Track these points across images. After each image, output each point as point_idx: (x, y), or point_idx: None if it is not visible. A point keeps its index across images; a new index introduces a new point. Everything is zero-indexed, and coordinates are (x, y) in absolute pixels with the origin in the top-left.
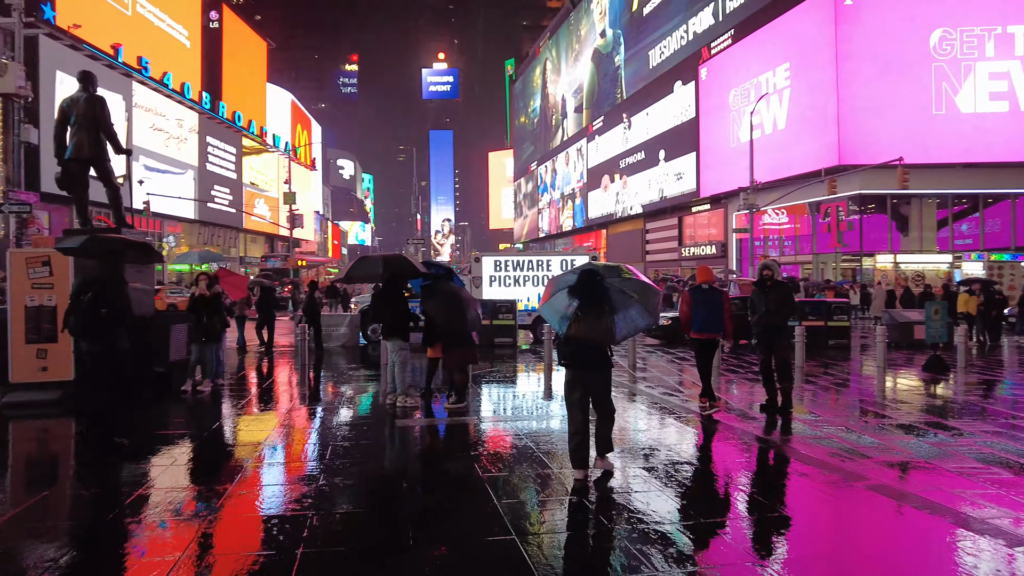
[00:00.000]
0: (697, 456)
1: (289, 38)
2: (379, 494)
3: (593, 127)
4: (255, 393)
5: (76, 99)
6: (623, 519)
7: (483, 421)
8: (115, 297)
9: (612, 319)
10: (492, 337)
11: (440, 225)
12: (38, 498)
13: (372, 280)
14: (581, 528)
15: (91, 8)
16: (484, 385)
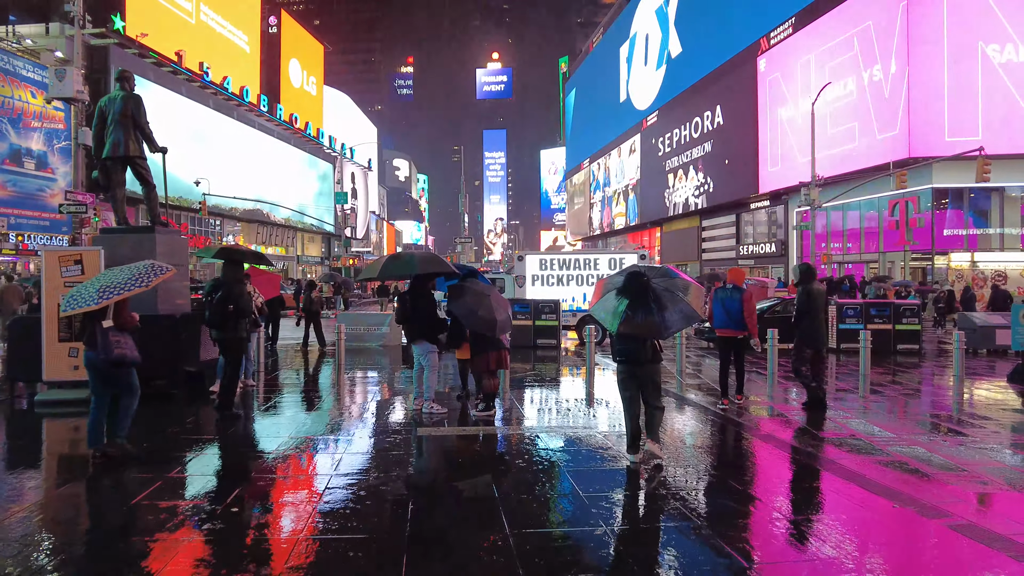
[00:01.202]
0: (740, 473)
1: (346, 42)
2: (378, 517)
3: (647, 122)
4: (278, 396)
5: (113, 98)
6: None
7: (513, 432)
8: (239, 296)
9: (661, 315)
10: (535, 338)
11: (492, 224)
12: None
13: (405, 278)
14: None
15: (157, 18)
16: (521, 390)
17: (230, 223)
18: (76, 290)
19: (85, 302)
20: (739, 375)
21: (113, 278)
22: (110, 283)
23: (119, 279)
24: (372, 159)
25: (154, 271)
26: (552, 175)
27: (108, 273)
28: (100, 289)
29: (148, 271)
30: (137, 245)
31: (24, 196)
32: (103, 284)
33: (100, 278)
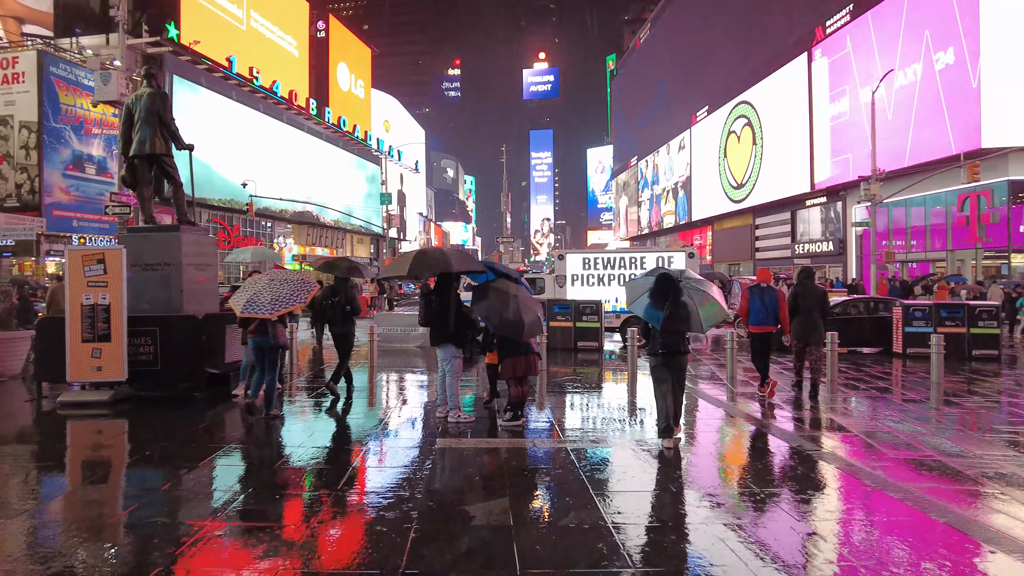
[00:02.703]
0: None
1: (394, 45)
2: (372, 548)
3: (697, 118)
4: (301, 401)
5: (140, 95)
6: None
7: (542, 445)
8: (353, 299)
9: (698, 312)
10: (575, 341)
11: (539, 224)
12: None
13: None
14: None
15: (209, 25)
16: (557, 396)
17: (281, 225)
18: (251, 297)
19: (262, 309)
20: (765, 367)
21: (279, 291)
22: (278, 296)
23: (283, 292)
24: (419, 161)
25: (307, 287)
26: (599, 174)
27: (276, 284)
28: (272, 301)
29: (304, 287)
30: (163, 244)
31: (85, 200)
32: (273, 296)
33: (270, 289)
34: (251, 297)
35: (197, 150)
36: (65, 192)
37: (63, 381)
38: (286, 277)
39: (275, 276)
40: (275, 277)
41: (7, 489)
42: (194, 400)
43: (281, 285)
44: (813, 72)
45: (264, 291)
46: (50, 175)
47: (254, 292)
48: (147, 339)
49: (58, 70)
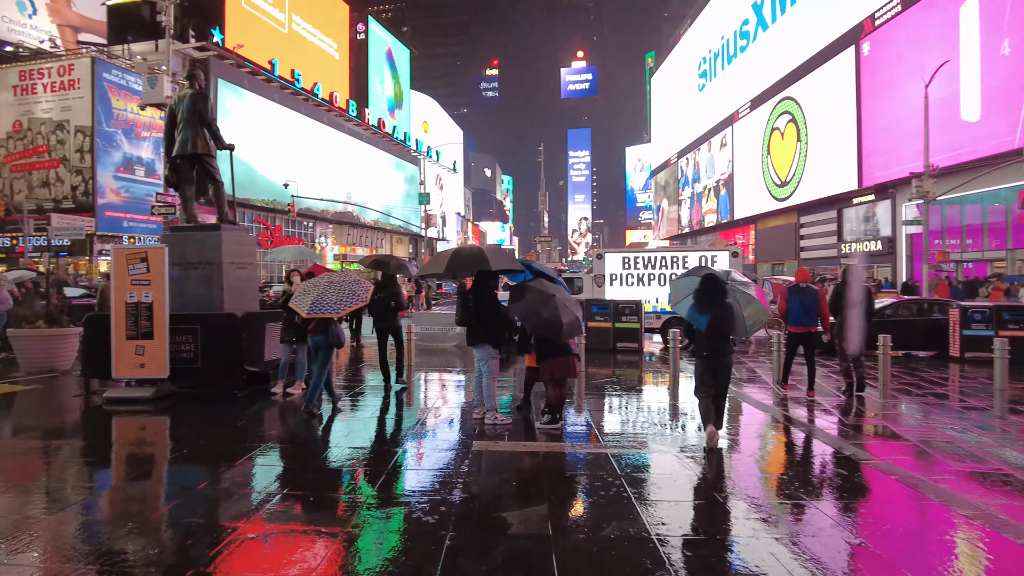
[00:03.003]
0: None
1: (433, 46)
2: (406, 556)
3: (739, 115)
4: (336, 399)
5: (182, 96)
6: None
7: (581, 450)
8: (398, 295)
9: (742, 315)
10: (614, 342)
11: (577, 224)
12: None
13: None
14: None
15: (253, 29)
16: (596, 399)
17: (322, 225)
18: (316, 299)
19: (327, 309)
20: (811, 371)
21: (340, 292)
22: (341, 297)
23: (344, 293)
24: (457, 161)
25: (364, 288)
26: (638, 172)
27: (336, 285)
28: (336, 301)
29: (361, 288)
30: (203, 243)
31: (135, 201)
32: (337, 297)
33: (331, 291)
34: (315, 299)
35: (241, 151)
36: (116, 193)
37: (109, 377)
38: (344, 279)
39: (333, 279)
40: (334, 279)
41: (55, 482)
42: (234, 398)
43: (341, 287)
44: (862, 65)
45: (327, 292)
46: (102, 177)
47: (318, 294)
48: (188, 337)
49: (110, 76)
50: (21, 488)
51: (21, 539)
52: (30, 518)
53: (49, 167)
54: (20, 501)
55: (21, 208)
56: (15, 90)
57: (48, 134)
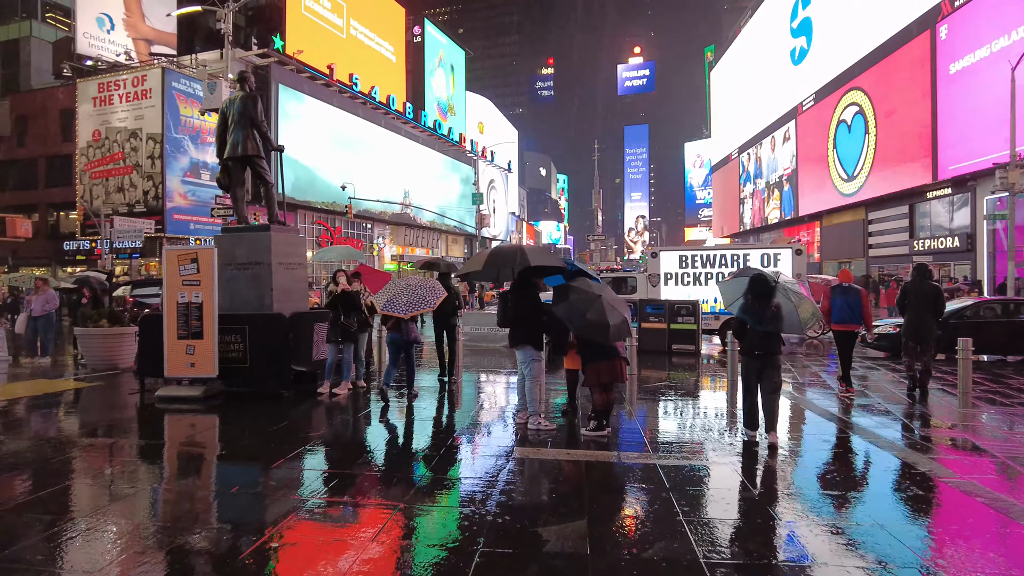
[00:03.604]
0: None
1: (489, 47)
2: (432, 571)
3: (803, 107)
4: (378, 401)
5: (233, 99)
6: None
7: (628, 458)
8: (458, 293)
9: (795, 312)
10: (670, 343)
11: (634, 222)
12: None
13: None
14: None
15: (312, 35)
16: (648, 403)
17: (380, 226)
18: (390, 298)
19: (398, 309)
20: (846, 366)
21: (413, 295)
22: (412, 299)
23: (417, 296)
24: (512, 161)
25: (437, 292)
26: (697, 168)
27: (411, 289)
28: (407, 303)
29: (434, 292)
30: (254, 243)
31: (201, 204)
32: (409, 299)
33: (406, 293)
34: (390, 298)
35: (302, 155)
36: (184, 197)
37: (162, 376)
38: (420, 283)
39: (411, 282)
40: (411, 283)
41: (108, 476)
42: (281, 398)
43: (415, 290)
44: (938, 50)
45: (401, 294)
46: (171, 181)
47: (393, 294)
48: (237, 337)
49: (178, 85)
50: (79, 483)
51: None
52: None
53: (123, 173)
54: (79, 495)
55: (98, 213)
56: (95, 101)
57: (123, 142)
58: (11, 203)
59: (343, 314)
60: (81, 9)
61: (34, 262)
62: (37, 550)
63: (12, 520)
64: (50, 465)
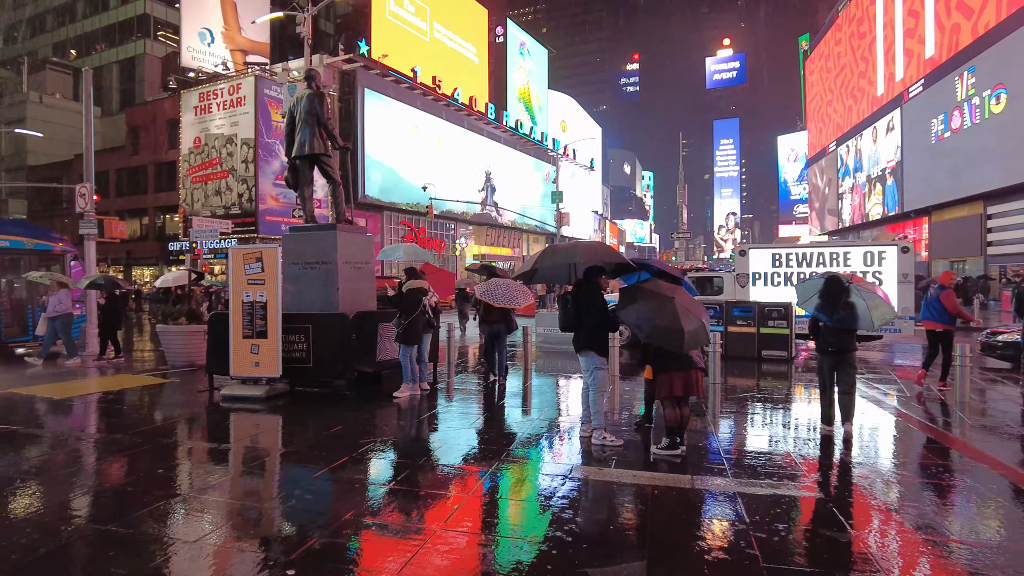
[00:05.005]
0: None
1: (572, 45)
2: None
3: (909, 94)
4: (441, 406)
5: (300, 97)
6: None
7: (704, 484)
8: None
9: (867, 310)
10: (759, 349)
11: (724, 219)
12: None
13: (563, 276)
14: None
15: (397, 39)
16: (733, 418)
17: (462, 226)
18: (489, 289)
19: (508, 301)
20: (945, 364)
21: (508, 291)
22: (506, 295)
23: (509, 294)
24: (595, 159)
25: (526, 295)
26: (791, 163)
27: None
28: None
29: (524, 294)
30: (320, 243)
31: (290, 205)
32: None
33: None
34: (487, 291)
35: (386, 157)
36: (275, 200)
37: (228, 374)
38: (514, 283)
39: (511, 282)
40: (511, 282)
41: (175, 472)
42: (344, 398)
43: (511, 287)
44: None
45: (498, 288)
46: (263, 185)
47: (490, 287)
48: (300, 336)
49: (270, 91)
50: (138, 479)
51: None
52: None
53: (221, 178)
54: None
55: (198, 215)
56: (196, 110)
57: (220, 147)
58: (125, 207)
59: (402, 314)
60: (186, 25)
61: (144, 262)
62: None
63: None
64: (118, 461)
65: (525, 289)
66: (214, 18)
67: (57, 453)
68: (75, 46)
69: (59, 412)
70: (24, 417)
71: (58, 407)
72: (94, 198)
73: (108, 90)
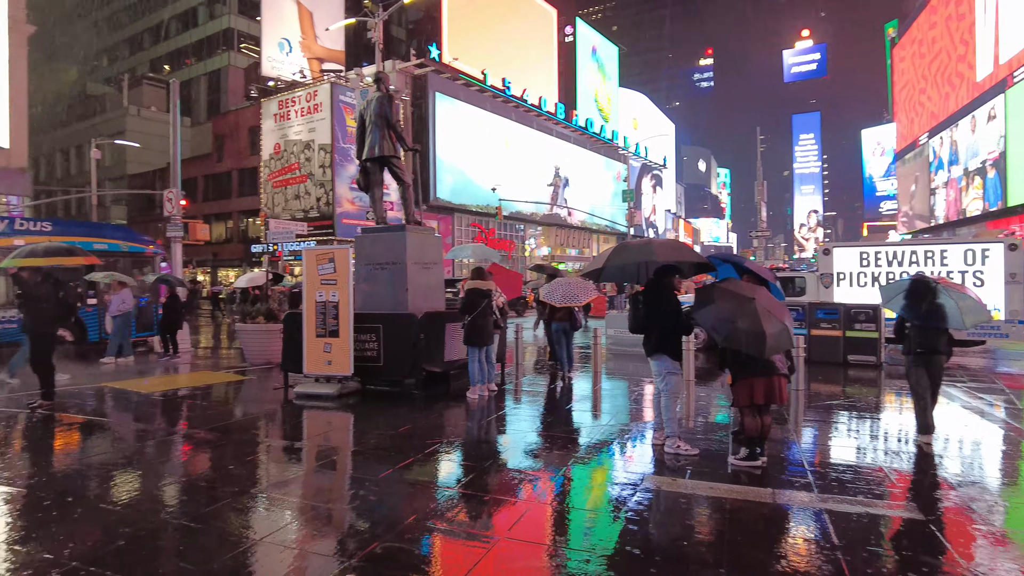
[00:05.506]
0: None
1: (643, 42)
2: None
3: (1014, 79)
4: (508, 407)
5: (370, 100)
6: None
7: (786, 499)
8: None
9: (957, 310)
10: (845, 353)
11: (805, 217)
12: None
13: (633, 274)
14: None
15: (467, 42)
16: (818, 427)
17: (532, 227)
18: (551, 289)
19: (570, 300)
20: None
21: (569, 290)
22: (568, 293)
23: (573, 291)
24: (668, 157)
25: (590, 290)
26: (877, 157)
27: (569, 286)
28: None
29: (587, 290)
30: (390, 243)
31: (366, 208)
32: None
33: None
34: (549, 291)
35: (457, 160)
36: (351, 203)
37: (302, 372)
38: (578, 281)
39: (572, 281)
40: (572, 281)
41: (247, 468)
42: (412, 398)
43: (572, 285)
44: None
45: (559, 288)
46: (339, 188)
47: (553, 287)
48: (371, 336)
49: (345, 97)
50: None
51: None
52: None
53: (299, 182)
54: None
55: (278, 218)
56: (275, 117)
57: (298, 153)
58: (211, 211)
59: (468, 314)
60: (266, 36)
61: (228, 263)
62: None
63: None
64: (194, 454)
65: (588, 286)
66: (292, 28)
67: (141, 445)
68: (168, 61)
69: (146, 406)
70: (113, 410)
71: (144, 401)
72: (181, 203)
73: (197, 101)
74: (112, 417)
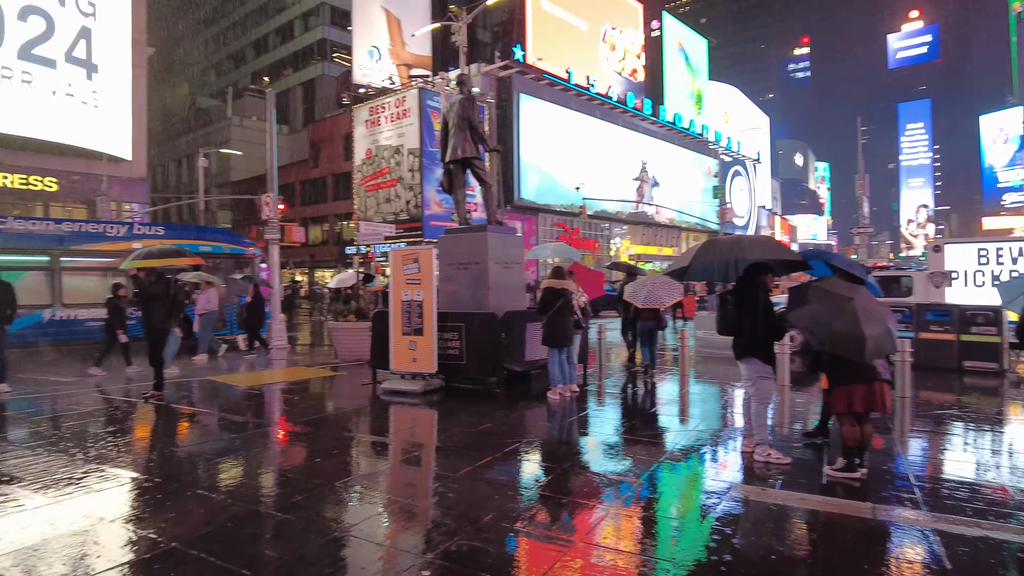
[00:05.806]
0: None
1: (734, 33)
2: None
3: None
4: (592, 408)
5: (453, 103)
6: None
7: (888, 515)
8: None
9: None
10: (960, 359)
11: (914, 213)
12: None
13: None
14: None
15: (551, 42)
16: (927, 437)
17: (617, 226)
18: (633, 291)
19: (653, 301)
20: None
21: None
22: (650, 295)
23: (656, 292)
24: (762, 151)
25: (675, 290)
26: (999, 145)
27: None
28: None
29: (672, 289)
30: (472, 244)
31: (452, 210)
32: (646, 295)
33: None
34: (632, 291)
35: (542, 161)
36: (439, 205)
37: (388, 369)
38: (663, 281)
39: (657, 280)
40: (657, 281)
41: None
42: (494, 396)
43: (656, 286)
44: None
45: (641, 289)
46: (427, 191)
47: (637, 288)
48: (454, 335)
49: (432, 102)
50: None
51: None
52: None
53: (390, 186)
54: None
55: (370, 221)
56: (366, 124)
57: (388, 158)
58: (309, 215)
59: (543, 313)
60: (356, 45)
61: (324, 264)
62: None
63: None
64: (286, 446)
65: (672, 286)
66: (381, 36)
67: (239, 435)
68: (268, 73)
69: (244, 399)
70: (216, 401)
71: (245, 394)
72: (279, 207)
73: (294, 110)
74: (214, 408)
